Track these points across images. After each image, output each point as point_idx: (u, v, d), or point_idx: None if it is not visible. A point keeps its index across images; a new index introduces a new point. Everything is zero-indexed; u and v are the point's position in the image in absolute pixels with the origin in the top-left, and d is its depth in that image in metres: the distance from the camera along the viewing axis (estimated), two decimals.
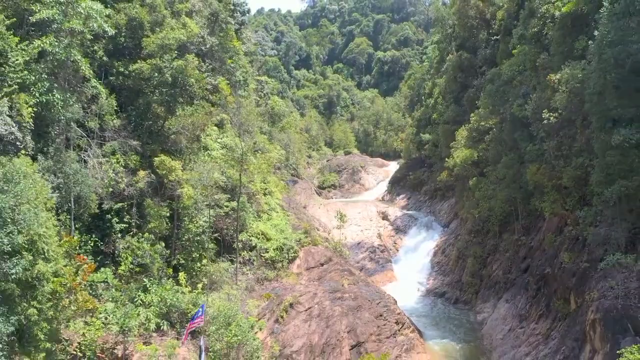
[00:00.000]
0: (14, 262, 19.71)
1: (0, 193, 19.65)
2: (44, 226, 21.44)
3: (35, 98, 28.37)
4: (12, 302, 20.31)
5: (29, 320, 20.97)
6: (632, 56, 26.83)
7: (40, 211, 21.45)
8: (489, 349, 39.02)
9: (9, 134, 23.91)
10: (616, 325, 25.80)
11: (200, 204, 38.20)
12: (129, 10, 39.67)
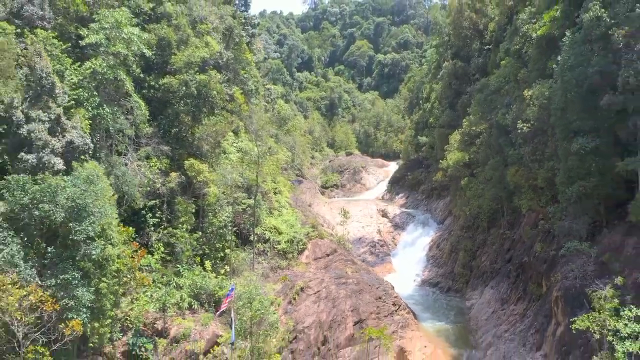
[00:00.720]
0: (94, 246, 25.33)
1: (85, 191, 25.24)
2: (111, 218, 27.07)
3: (89, 112, 33.97)
4: (89, 277, 25.93)
5: (100, 292, 26.59)
6: (589, 78, 32.42)
7: (108, 206, 27.07)
8: (474, 329, 44.69)
9: (83, 144, 29.53)
10: (574, 301, 31.39)
11: (222, 201, 43.80)
12: (159, 31, 45.35)
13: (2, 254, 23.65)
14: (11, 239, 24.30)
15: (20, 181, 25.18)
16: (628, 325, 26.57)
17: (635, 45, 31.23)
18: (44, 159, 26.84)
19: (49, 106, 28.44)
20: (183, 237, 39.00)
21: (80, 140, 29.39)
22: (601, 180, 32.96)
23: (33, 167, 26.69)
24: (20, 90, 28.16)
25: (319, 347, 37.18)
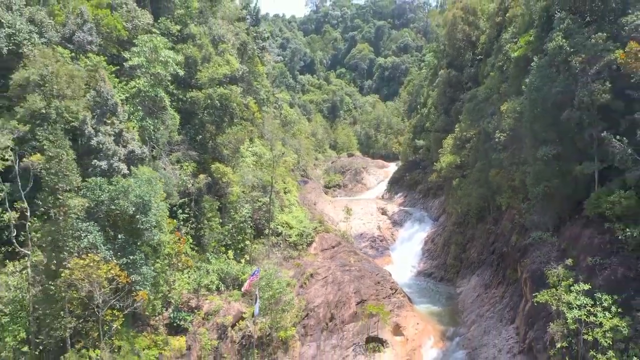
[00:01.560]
0: (153, 233, 32.23)
1: (148, 190, 32.15)
2: (163, 212, 33.95)
3: (135, 124, 40.82)
4: (148, 259, 32.80)
5: (155, 271, 33.48)
6: (552, 97, 39.22)
7: (162, 202, 33.95)
8: (461, 310, 51.58)
9: (141, 152, 36.41)
10: (539, 281, 38.23)
11: (242, 199, 50.69)
12: (186, 50, 52.20)
13: (88, 239, 30.49)
14: (92, 227, 31.12)
15: (97, 182, 31.99)
16: (577, 297, 33.45)
17: (590, 70, 38.09)
18: (114, 165, 33.66)
19: (113, 122, 35.31)
20: (216, 229, 45.81)
21: (139, 149, 36.31)
22: (563, 182, 39.80)
23: (103, 171, 33.52)
24: (89, 109, 34.94)
25: (327, 323, 44.06)
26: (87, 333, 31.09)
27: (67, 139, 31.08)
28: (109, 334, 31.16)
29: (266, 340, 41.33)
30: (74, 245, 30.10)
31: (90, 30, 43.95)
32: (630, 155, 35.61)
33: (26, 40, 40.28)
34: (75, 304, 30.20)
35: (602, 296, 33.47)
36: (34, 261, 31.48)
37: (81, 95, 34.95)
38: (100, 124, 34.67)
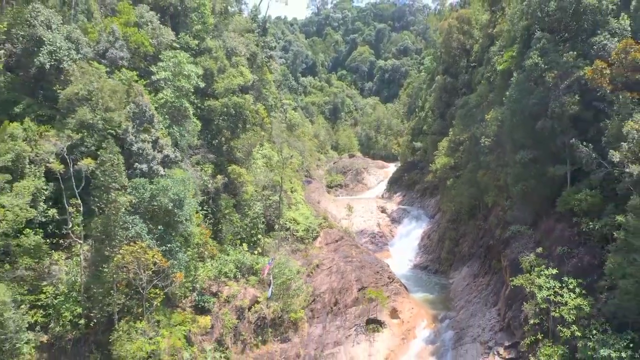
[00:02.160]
0: (186, 225, 38.15)
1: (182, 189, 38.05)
2: (194, 207, 39.85)
3: (164, 131, 46.68)
4: (181, 247, 38.74)
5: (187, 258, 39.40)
6: (529, 108, 45.10)
7: (192, 199, 39.85)
8: (452, 297, 57.52)
9: (174, 156, 42.35)
10: (516, 268, 44.10)
11: (254, 198, 56.57)
12: (204, 63, 58.05)
13: (134, 229, 36.38)
14: (137, 220, 36.97)
15: (141, 182, 37.87)
16: (547, 280, 39.38)
17: (561, 84, 43.98)
18: (153, 167, 39.52)
19: (150, 131, 41.19)
20: (237, 222, 51.74)
21: (172, 154, 42.23)
22: (538, 182, 45.66)
23: (144, 173, 39.37)
24: (130, 119, 40.80)
25: (332, 307, 49.97)
26: (132, 309, 37.00)
27: (117, 146, 36.93)
28: (150, 309, 37.10)
29: (278, 321, 47.29)
30: (123, 235, 36.01)
31: (121, 47, 49.87)
32: (594, 159, 41.49)
33: (65, 57, 46.16)
34: (123, 284, 36.11)
35: (569, 280, 39.43)
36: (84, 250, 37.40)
37: (122, 107, 40.79)
38: (139, 132, 40.54)
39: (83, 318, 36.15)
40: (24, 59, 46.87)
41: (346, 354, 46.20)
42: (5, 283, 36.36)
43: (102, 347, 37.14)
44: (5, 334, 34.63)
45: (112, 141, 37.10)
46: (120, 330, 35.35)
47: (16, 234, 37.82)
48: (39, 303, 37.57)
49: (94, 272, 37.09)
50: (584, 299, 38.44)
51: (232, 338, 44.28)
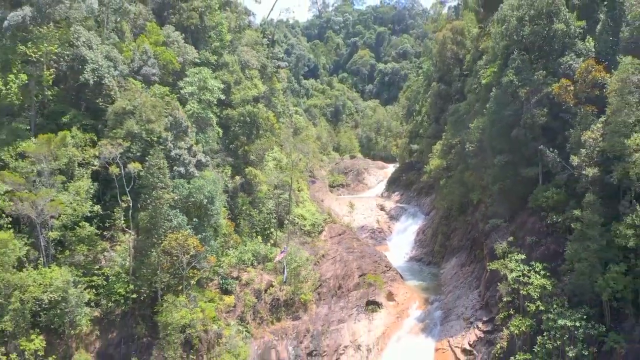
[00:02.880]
0: (217, 218, 46.17)
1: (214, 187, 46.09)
2: (222, 203, 47.86)
3: (193, 139, 54.61)
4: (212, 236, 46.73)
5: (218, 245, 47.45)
6: (505, 118, 53.07)
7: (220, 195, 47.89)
8: (442, 284, 65.60)
9: (206, 160, 50.36)
10: (494, 255, 52.06)
11: (267, 196, 64.51)
12: (222, 76, 65.98)
13: (176, 221, 44.33)
14: (179, 213, 44.95)
15: (180, 182, 45.88)
16: (517, 264, 47.38)
17: (532, 98, 51.93)
18: (190, 170, 47.48)
19: (185, 139, 49.14)
20: (256, 216, 59.74)
21: (203, 158, 50.23)
22: (514, 182, 53.66)
23: (182, 174, 47.37)
24: (168, 129, 48.73)
25: (336, 291, 58.00)
26: (172, 287, 44.94)
27: (162, 153, 44.88)
28: (188, 287, 45.04)
29: (290, 302, 55.33)
30: (167, 226, 43.89)
31: (153, 64, 57.83)
32: (559, 162, 49.53)
33: (106, 74, 54.06)
34: (166, 266, 44.01)
35: (536, 264, 47.48)
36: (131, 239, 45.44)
37: (161, 119, 48.69)
38: (177, 140, 48.48)
39: (132, 294, 44.11)
40: (69, 75, 54.95)
41: (349, 330, 54.22)
42: (65, 267, 44.37)
43: (147, 319, 45.17)
44: (68, 308, 42.57)
45: (159, 148, 45.06)
46: (165, 303, 43.25)
47: (73, 226, 45.79)
48: (92, 284, 45.52)
49: (140, 257, 45.07)
50: (548, 280, 46.50)
51: (251, 315, 52.30)
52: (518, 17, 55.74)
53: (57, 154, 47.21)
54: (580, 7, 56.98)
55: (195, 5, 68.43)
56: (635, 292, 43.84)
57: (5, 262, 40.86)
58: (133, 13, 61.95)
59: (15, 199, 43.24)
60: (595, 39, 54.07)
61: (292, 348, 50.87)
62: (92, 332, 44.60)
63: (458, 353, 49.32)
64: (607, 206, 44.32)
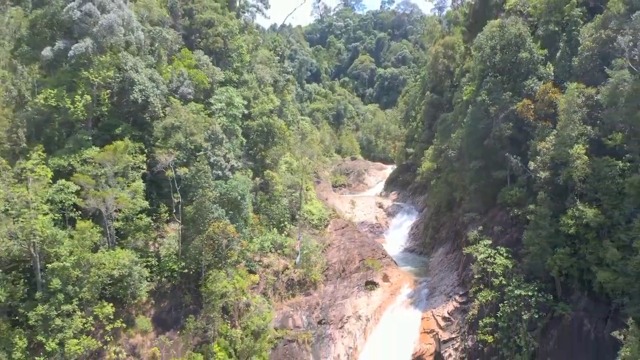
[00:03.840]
0: (247, 211, 58.98)
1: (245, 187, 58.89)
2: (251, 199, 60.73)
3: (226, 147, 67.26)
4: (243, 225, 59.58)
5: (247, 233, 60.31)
6: (479, 131, 65.83)
7: (249, 193, 60.72)
8: (430, 270, 78.53)
9: (237, 165, 63.16)
10: (468, 241, 64.79)
11: (282, 194, 77.26)
12: (243, 93, 78.69)
13: (217, 213, 57.03)
14: (218, 207, 57.75)
15: (220, 183, 58.70)
16: (485, 248, 60.14)
17: (500, 115, 64.64)
18: (226, 173, 60.21)
19: (220, 148, 61.90)
20: (276, 210, 72.59)
21: (236, 163, 63.04)
22: (486, 183, 66.40)
23: (219, 176, 60.03)
24: (207, 140, 61.48)
25: (340, 273, 70.83)
26: (213, 265, 57.67)
27: (206, 160, 57.65)
28: (225, 265, 57.76)
29: (303, 282, 68.16)
30: (210, 217, 56.62)
31: (188, 85, 70.59)
32: (521, 167, 62.25)
33: (151, 93, 66.72)
34: (209, 248, 56.72)
35: (500, 248, 60.22)
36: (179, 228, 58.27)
37: (200, 132, 61.43)
38: (214, 149, 61.27)
39: (183, 270, 56.97)
40: (120, 94, 67.60)
41: (351, 304, 67.00)
42: (127, 250, 57.08)
43: (192, 291, 58.01)
44: (131, 282, 55.24)
45: (202, 156, 57.91)
46: (210, 277, 56.08)
47: (132, 217, 58.48)
48: (147, 263, 58.19)
49: (186, 242, 57.87)
50: (510, 260, 59.30)
51: (272, 291, 65.11)
52: (491, 46, 68.47)
53: (117, 160, 59.93)
54: (544, 37, 69.57)
55: (219, 31, 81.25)
56: (580, 271, 56.37)
57: (85, 245, 53.50)
58: (169, 40, 74.57)
59: (89, 196, 55.91)
60: (555, 65, 66.73)
61: (305, 317, 63.65)
62: (149, 301, 57.34)
63: (439, 320, 62.04)
64: (555, 202, 56.98)
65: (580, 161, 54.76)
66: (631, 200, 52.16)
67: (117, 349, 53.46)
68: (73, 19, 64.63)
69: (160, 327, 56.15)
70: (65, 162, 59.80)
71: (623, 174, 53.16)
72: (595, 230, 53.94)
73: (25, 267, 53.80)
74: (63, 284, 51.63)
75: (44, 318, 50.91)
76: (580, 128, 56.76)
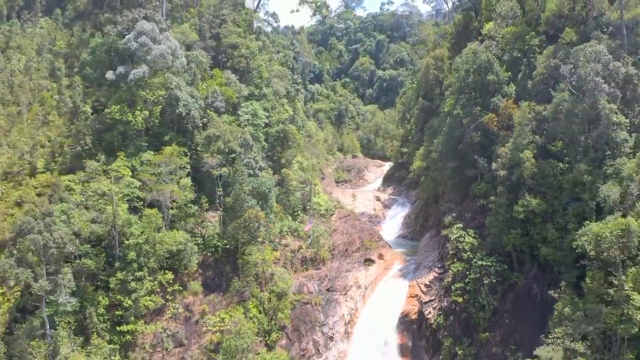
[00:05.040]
0: (272, 202, 77.83)
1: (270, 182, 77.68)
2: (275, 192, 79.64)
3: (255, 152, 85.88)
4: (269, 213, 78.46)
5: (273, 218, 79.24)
6: (455, 138, 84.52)
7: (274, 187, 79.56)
8: (418, 251, 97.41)
9: (264, 165, 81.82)
10: (446, 224, 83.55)
11: (295, 188, 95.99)
12: (264, 105, 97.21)
13: (250, 203, 75.68)
14: (251, 198, 76.35)
15: (252, 179, 77.44)
16: (457, 229, 78.94)
17: (471, 125, 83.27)
18: (256, 171, 79.01)
19: (251, 152, 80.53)
20: (291, 201, 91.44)
21: (263, 164, 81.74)
22: (461, 179, 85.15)
23: (250, 175, 78.75)
24: (241, 146, 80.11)
25: (344, 252, 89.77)
26: (248, 242, 76.36)
27: (241, 161, 76.44)
28: (256, 242, 76.44)
29: (314, 259, 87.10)
30: (245, 206, 75.26)
31: (220, 100, 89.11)
32: (486, 167, 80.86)
33: (192, 107, 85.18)
34: (244, 230, 75.41)
35: (469, 230, 78.99)
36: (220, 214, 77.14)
37: (235, 139, 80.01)
38: (246, 153, 79.90)
39: (225, 246, 75.87)
40: (167, 108, 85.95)
41: (352, 276, 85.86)
42: (182, 231, 75.62)
43: (231, 262, 76.80)
44: (186, 255, 73.82)
45: (239, 158, 76.66)
46: (246, 251, 74.94)
47: (183, 206, 77.08)
48: (195, 242, 76.76)
49: (225, 225, 76.64)
50: (476, 239, 78.11)
51: (290, 265, 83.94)
52: (465, 70, 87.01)
53: (169, 162, 78.45)
54: (509, 62, 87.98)
55: (243, 53, 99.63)
56: (529, 247, 74.89)
57: (152, 227, 72.03)
58: (204, 62, 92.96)
59: (153, 190, 74.35)
60: (517, 85, 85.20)
61: (317, 285, 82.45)
62: (197, 270, 76.06)
63: (422, 287, 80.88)
64: (510, 194, 75.49)
65: (529, 163, 73.23)
66: (567, 193, 70.55)
67: (176, 305, 72.26)
68: (131, 49, 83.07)
69: (207, 290, 74.98)
70: (129, 163, 78.50)
71: (562, 173, 71.48)
72: (540, 216, 72.36)
73: (103, 245, 72.38)
74: (137, 256, 70.24)
75: (122, 282, 69.41)
76: (530, 137, 75.29)
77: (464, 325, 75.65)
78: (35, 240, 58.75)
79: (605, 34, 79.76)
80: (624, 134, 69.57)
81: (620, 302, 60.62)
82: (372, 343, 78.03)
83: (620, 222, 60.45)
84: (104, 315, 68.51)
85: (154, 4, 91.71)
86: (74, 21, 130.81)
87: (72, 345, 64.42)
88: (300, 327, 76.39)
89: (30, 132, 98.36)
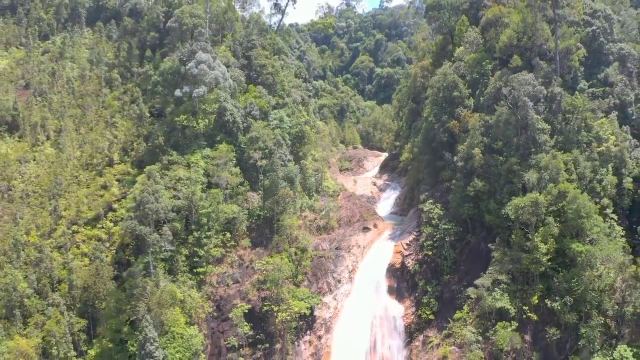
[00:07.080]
0: (296, 184, 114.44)
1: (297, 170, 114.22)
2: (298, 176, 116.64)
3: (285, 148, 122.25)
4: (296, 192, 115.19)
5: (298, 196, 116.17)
6: (429, 138, 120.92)
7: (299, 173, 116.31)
8: (404, 222, 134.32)
9: (290, 158, 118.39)
10: (422, 200, 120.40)
11: (311, 175, 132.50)
12: (287, 111, 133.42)
13: (283, 184, 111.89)
14: (284, 181, 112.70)
15: (283, 168, 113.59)
16: (429, 204, 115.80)
17: (441, 128, 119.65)
18: (286, 162, 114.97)
19: (282, 149, 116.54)
20: (307, 184, 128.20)
21: (290, 157, 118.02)
22: (433, 168, 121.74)
23: (282, 165, 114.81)
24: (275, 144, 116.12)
25: (347, 222, 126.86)
26: (281, 211, 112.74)
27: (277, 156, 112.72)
28: (287, 213, 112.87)
29: (325, 227, 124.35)
30: (279, 187, 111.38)
31: (256, 109, 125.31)
32: (451, 159, 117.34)
33: (236, 115, 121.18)
34: (278, 204, 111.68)
35: (437, 204, 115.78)
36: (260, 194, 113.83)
37: (270, 139, 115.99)
38: (278, 149, 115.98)
39: (266, 214, 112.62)
40: (218, 115, 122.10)
41: (354, 239, 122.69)
42: (235, 205, 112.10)
43: (270, 226, 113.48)
44: (238, 222, 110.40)
45: (274, 153, 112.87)
46: (281, 218, 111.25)
47: (235, 186, 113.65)
48: (243, 212, 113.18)
49: (264, 199, 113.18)
50: (442, 211, 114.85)
51: (309, 230, 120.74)
52: (437, 87, 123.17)
53: (223, 156, 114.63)
54: (470, 81, 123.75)
55: (269, 70, 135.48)
56: (479, 216, 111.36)
57: (216, 201, 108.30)
58: (242, 80, 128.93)
59: (214, 175, 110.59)
60: (475, 99, 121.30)
61: (328, 245, 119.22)
62: (245, 232, 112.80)
63: (404, 245, 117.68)
64: (466, 178, 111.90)
65: (478, 157, 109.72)
66: (503, 178, 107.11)
67: (233, 255, 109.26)
68: (193, 73, 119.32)
69: (253, 245, 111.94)
70: (195, 157, 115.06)
71: (501, 164, 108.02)
72: (485, 193, 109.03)
73: (182, 214, 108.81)
74: (206, 221, 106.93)
75: (197, 239, 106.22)
76: (479, 138, 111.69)
77: (433, 271, 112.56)
78: (151, 208, 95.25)
79: (544, 60, 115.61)
80: (545, 137, 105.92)
81: (533, 251, 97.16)
82: (368, 285, 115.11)
83: (532, 197, 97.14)
84: (184, 261, 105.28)
85: (205, 37, 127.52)
86: (121, 37, 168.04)
87: (166, 281, 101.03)
88: (317, 273, 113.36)
89: (101, 131, 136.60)
